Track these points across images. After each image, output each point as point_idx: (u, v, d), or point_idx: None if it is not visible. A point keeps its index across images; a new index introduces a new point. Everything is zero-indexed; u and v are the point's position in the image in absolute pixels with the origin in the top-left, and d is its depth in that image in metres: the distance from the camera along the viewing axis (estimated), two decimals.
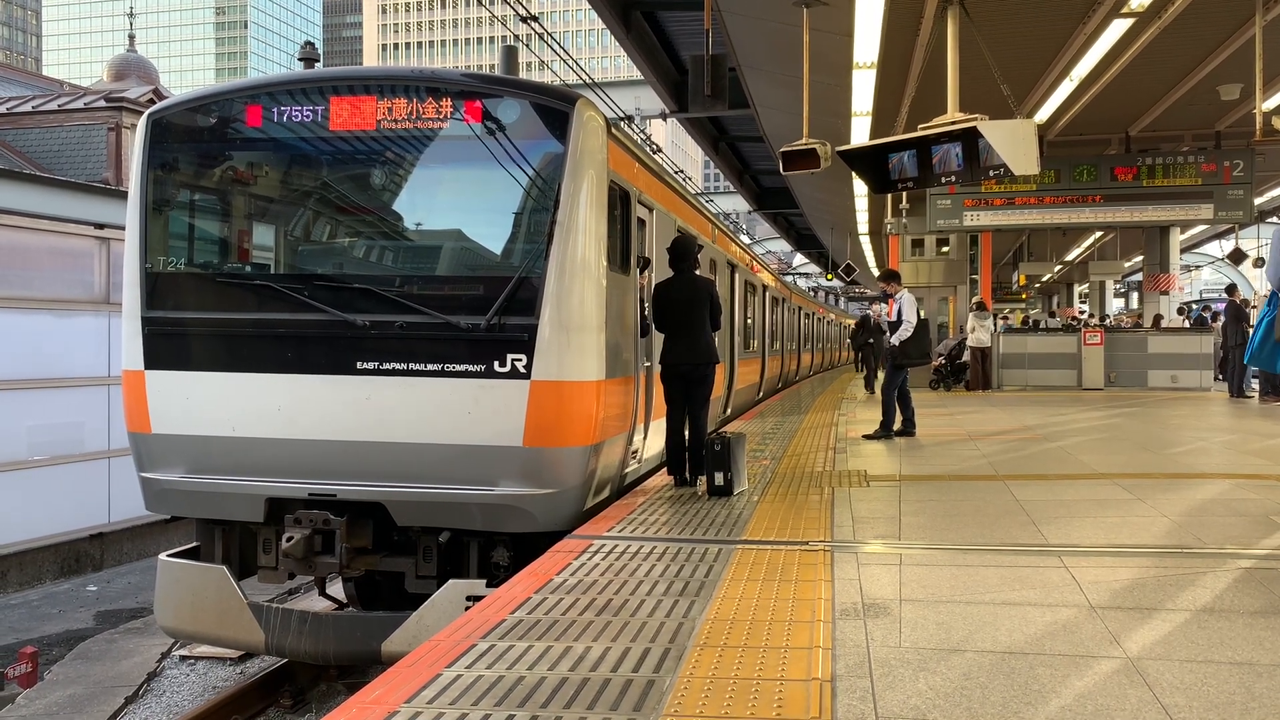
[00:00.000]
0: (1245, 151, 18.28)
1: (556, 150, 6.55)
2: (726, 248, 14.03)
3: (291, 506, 6.68)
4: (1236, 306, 17.23)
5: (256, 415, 6.68)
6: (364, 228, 7.16)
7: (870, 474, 8.42)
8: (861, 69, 12.20)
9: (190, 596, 7.02)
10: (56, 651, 9.30)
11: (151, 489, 7.06)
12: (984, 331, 19.69)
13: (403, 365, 6.48)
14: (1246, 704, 3.21)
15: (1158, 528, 6.04)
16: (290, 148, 6.93)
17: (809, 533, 6.01)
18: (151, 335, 6.88)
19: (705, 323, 7.74)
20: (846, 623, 4.15)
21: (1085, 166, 18.83)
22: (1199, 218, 19.41)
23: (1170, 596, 4.51)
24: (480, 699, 3.34)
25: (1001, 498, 7.15)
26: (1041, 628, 4.06)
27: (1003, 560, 5.28)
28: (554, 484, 6.47)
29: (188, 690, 8.26)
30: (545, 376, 6.36)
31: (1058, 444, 10.40)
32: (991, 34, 11.62)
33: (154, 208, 7.03)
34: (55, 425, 12.42)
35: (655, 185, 8.79)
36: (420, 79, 6.81)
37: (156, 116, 7.11)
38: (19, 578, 11.72)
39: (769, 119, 18.11)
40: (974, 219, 19.52)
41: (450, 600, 6.35)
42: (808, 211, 33.28)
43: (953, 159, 8.31)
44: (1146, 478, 8.01)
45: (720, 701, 3.28)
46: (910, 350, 11.14)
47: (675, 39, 18.70)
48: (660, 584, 4.83)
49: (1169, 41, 12.73)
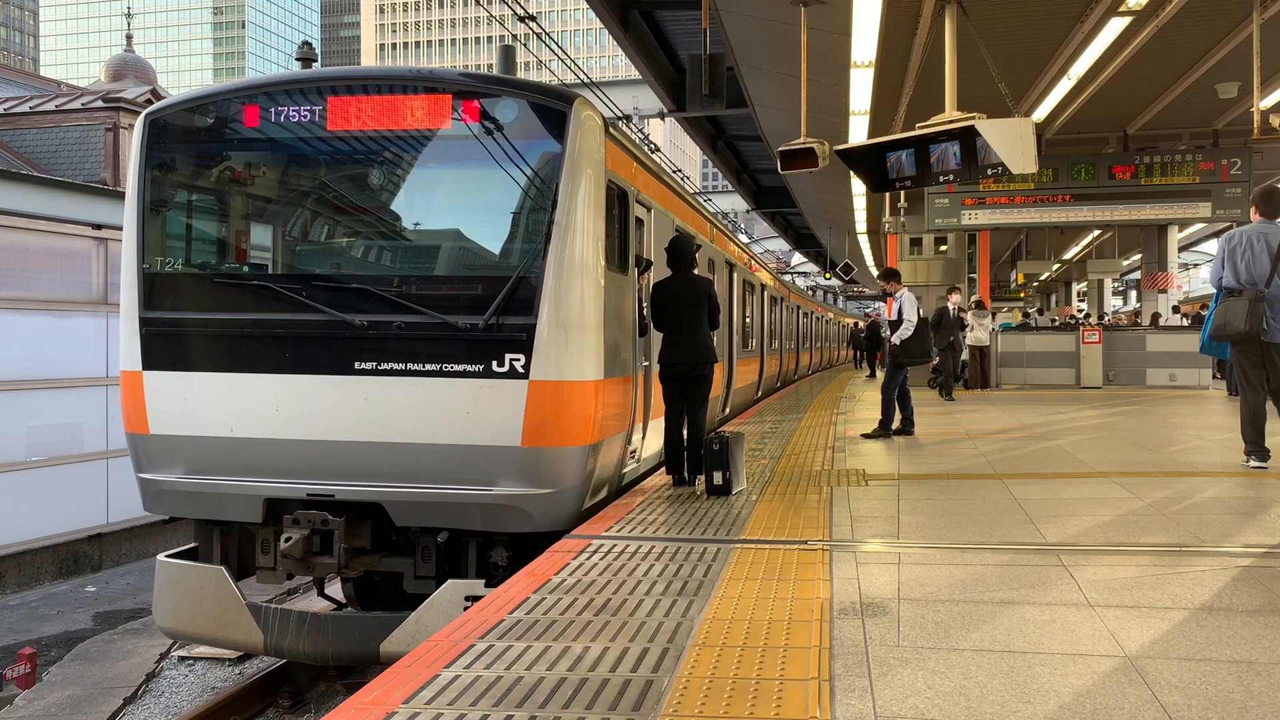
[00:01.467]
0: (1243, 150, 18.29)
1: (554, 150, 6.55)
2: (725, 247, 14.03)
3: (290, 507, 6.69)
4: None
5: (255, 416, 6.67)
6: (362, 228, 7.16)
7: (869, 473, 8.42)
8: (859, 68, 12.20)
9: (189, 597, 7.02)
10: (55, 652, 9.30)
11: (150, 489, 7.05)
12: (983, 330, 19.70)
13: (401, 365, 6.48)
14: (1245, 702, 3.21)
15: (1156, 526, 6.05)
16: (288, 148, 6.92)
17: (807, 532, 6.01)
18: (149, 336, 6.88)
19: (704, 322, 7.73)
20: (845, 622, 4.15)
21: (1083, 165, 18.84)
22: (1197, 216, 19.42)
23: (1169, 595, 4.51)
24: (479, 699, 3.34)
25: (1000, 496, 7.16)
26: (1040, 626, 4.06)
27: (1001, 559, 5.28)
28: (552, 484, 6.47)
29: (186, 691, 8.26)
30: (543, 376, 6.36)
31: (1056, 442, 10.41)
32: (989, 33, 11.63)
33: (151, 208, 7.03)
34: (53, 426, 12.41)
35: (653, 184, 8.79)
36: (418, 79, 6.81)
37: (154, 117, 7.11)
38: (17, 578, 11.72)
39: (767, 118, 18.12)
40: (972, 218, 19.54)
41: (449, 600, 6.35)
42: (806, 211, 33.30)
43: (951, 158, 8.32)
44: (1145, 476, 8.01)
45: (719, 701, 3.28)
46: (911, 349, 11.15)
47: (673, 38, 18.71)
48: (659, 584, 4.83)
49: (1167, 40, 12.74)
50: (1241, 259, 7.68)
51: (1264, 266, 7.57)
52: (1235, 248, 7.74)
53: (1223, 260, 7.82)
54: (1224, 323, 7.71)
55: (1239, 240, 7.74)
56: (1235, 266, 7.70)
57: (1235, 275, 7.70)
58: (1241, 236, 7.75)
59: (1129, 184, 18.66)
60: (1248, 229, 7.78)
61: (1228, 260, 7.77)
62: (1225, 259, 7.79)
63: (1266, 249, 7.60)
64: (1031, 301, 46.72)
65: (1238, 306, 7.60)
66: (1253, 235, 7.70)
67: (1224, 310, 7.72)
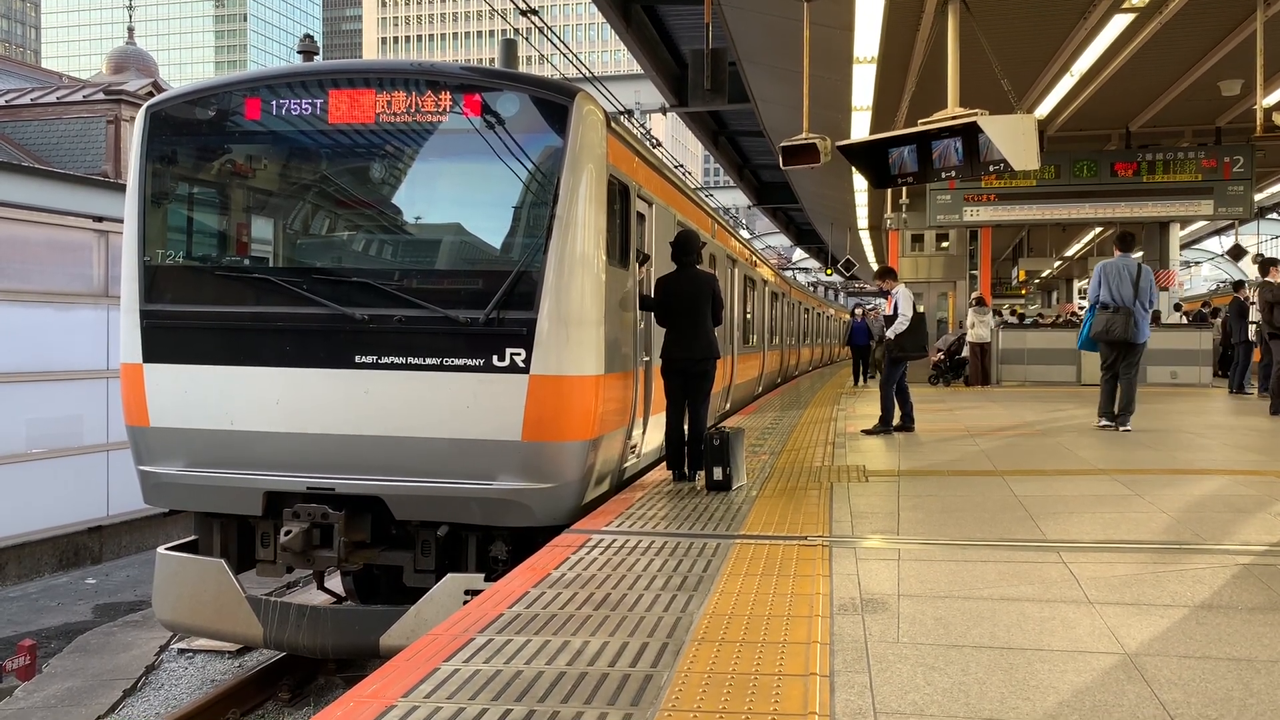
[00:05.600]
0: (1245, 147, 18.27)
1: (556, 144, 6.54)
2: (726, 243, 14.02)
3: (290, 500, 6.69)
4: (1239, 303, 17.20)
5: (255, 409, 6.67)
6: (363, 221, 7.14)
7: (869, 469, 8.42)
8: (862, 63, 12.18)
9: (189, 590, 7.02)
10: (55, 644, 9.30)
11: (150, 482, 7.05)
12: (983, 327, 19.68)
13: (401, 359, 6.48)
14: (1244, 700, 3.21)
15: (1156, 523, 6.04)
16: (289, 141, 6.91)
17: (807, 528, 6.01)
18: (150, 329, 6.87)
19: (707, 318, 7.71)
20: (844, 618, 4.15)
21: (1085, 162, 18.82)
22: (1199, 213, 19.40)
23: (1168, 592, 4.51)
24: (478, 693, 3.34)
25: (1000, 493, 7.15)
26: (1039, 623, 4.06)
27: (1001, 555, 5.28)
28: (552, 478, 6.47)
29: (186, 683, 8.27)
30: (544, 371, 6.35)
31: (1056, 439, 10.40)
32: (992, 29, 11.60)
33: (152, 201, 7.02)
34: (54, 418, 12.41)
35: (655, 179, 8.78)
36: (419, 72, 6.79)
37: (155, 109, 7.09)
38: (17, 570, 11.73)
39: (769, 113, 18.11)
40: (974, 214, 19.52)
41: (448, 594, 6.35)
42: (807, 206, 33.29)
43: (953, 154, 8.29)
44: (1145, 473, 8.01)
45: (718, 696, 3.28)
46: (906, 343, 11.14)
47: (675, 33, 18.70)
48: (658, 579, 4.83)
49: (1169, 37, 12.72)
50: (1114, 284, 10.54)
51: (1129, 289, 10.51)
52: (1108, 275, 10.60)
53: (1099, 283, 10.63)
54: (1107, 329, 10.58)
55: (1110, 269, 10.63)
56: (1110, 289, 10.56)
57: (1110, 295, 10.57)
58: (1111, 267, 10.65)
59: (1131, 181, 18.64)
60: (1114, 261, 10.72)
61: (1104, 284, 10.57)
62: (1102, 282, 10.58)
63: (1129, 276, 10.53)
64: (1031, 299, 46.74)
65: (1117, 318, 10.53)
66: (1119, 266, 10.62)
67: (1106, 320, 10.56)
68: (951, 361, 20.49)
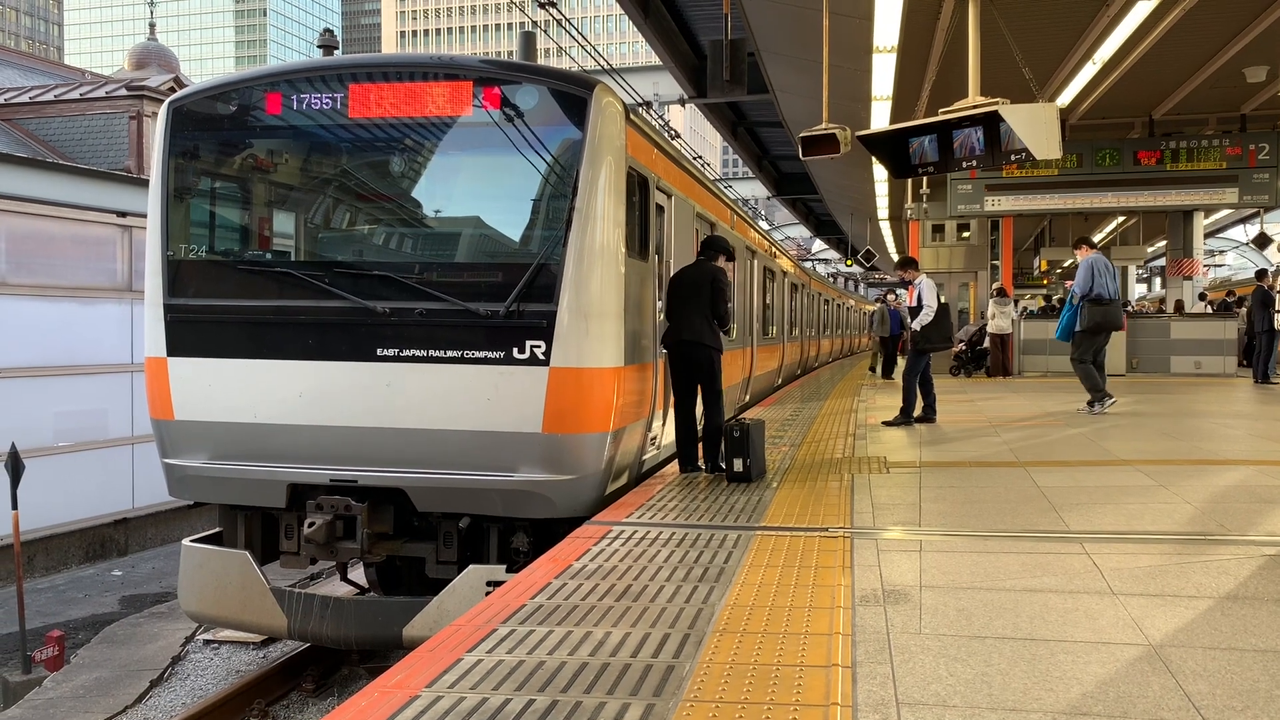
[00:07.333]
0: (1271, 134, 18.06)
1: (575, 136, 6.54)
2: (745, 234, 13.98)
3: (313, 492, 6.74)
4: (1264, 291, 17.03)
5: (278, 402, 6.72)
6: (383, 215, 7.18)
7: (890, 460, 8.40)
8: (882, 53, 12.10)
9: (213, 581, 7.09)
10: (82, 635, 9.42)
11: (175, 475, 7.12)
12: (1004, 318, 19.55)
13: (423, 352, 6.50)
14: (1271, 691, 3.19)
15: (1180, 514, 6.00)
16: (310, 135, 6.95)
17: (829, 519, 6.01)
18: (173, 322, 6.93)
19: (704, 305, 7.56)
20: (866, 609, 4.15)
21: (1108, 150, 18.63)
22: (1223, 202, 19.20)
23: (1193, 583, 4.48)
24: (501, 683, 3.36)
25: (1022, 484, 7.12)
26: (1063, 614, 4.04)
27: (1023, 547, 5.26)
28: (573, 470, 6.48)
29: (211, 674, 8.35)
30: (564, 363, 6.37)
31: (1079, 430, 10.34)
32: (1013, 17, 11.51)
33: (175, 195, 7.07)
34: (80, 412, 12.55)
35: (674, 171, 8.76)
36: (438, 66, 6.80)
37: (177, 105, 7.14)
38: (45, 562, 11.87)
39: (788, 104, 18.03)
40: (995, 204, 19.37)
41: (470, 585, 6.39)
42: (827, 197, 33.14)
43: (974, 143, 8.25)
44: (1169, 464, 7.95)
45: (740, 687, 3.28)
46: (932, 335, 11.10)
47: (694, 24, 18.63)
48: (679, 570, 4.84)
49: (1194, 23, 12.57)
50: (1109, 278, 11.45)
51: (1116, 283, 11.61)
52: (1102, 271, 11.44)
53: (1095, 276, 11.38)
54: (1104, 320, 11.47)
55: (1101, 264, 11.49)
56: (1105, 283, 11.39)
57: (1105, 289, 11.40)
58: (1101, 262, 11.50)
59: (1154, 169, 18.45)
60: (1101, 256, 11.58)
61: (1098, 278, 11.36)
62: (1096, 277, 11.38)
63: (1114, 271, 11.70)
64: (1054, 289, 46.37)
65: (1114, 310, 11.58)
66: (1106, 262, 11.54)
67: (1103, 312, 11.41)
68: (973, 352, 20.37)
